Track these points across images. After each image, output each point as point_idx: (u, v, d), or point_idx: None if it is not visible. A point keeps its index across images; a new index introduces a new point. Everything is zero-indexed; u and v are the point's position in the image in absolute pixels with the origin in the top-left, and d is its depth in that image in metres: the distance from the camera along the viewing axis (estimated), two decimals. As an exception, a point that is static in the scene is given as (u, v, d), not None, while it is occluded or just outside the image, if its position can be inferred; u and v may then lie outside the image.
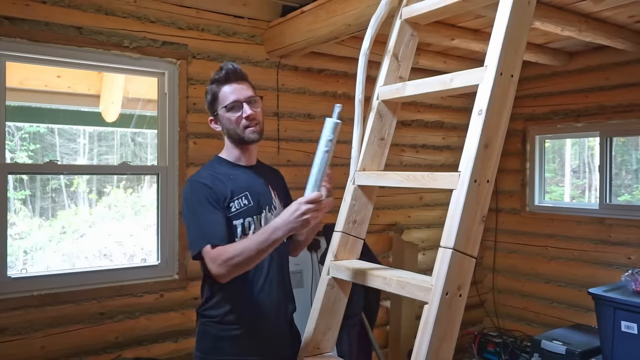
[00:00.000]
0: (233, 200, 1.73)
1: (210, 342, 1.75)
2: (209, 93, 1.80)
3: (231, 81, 1.77)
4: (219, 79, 1.78)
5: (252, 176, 1.83)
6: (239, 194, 1.74)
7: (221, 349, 1.73)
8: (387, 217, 3.72)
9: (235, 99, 1.75)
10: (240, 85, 1.77)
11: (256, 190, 1.79)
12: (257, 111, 1.78)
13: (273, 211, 1.80)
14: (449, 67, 3.48)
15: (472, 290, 3.84)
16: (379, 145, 1.83)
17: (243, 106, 1.75)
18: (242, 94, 1.76)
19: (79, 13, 2.53)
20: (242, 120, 1.75)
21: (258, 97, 1.81)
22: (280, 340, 1.80)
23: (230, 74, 1.77)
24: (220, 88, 1.77)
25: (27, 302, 2.42)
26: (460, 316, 1.39)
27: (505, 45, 1.42)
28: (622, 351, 2.62)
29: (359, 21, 2.38)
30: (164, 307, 2.77)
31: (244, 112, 1.74)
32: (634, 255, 3.35)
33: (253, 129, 1.77)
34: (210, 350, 1.74)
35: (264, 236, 1.55)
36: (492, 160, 1.42)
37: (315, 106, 3.33)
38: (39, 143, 4.13)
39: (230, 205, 1.72)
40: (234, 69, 1.78)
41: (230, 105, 1.75)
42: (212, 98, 1.79)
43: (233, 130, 1.77)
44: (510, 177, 4.06)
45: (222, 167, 1.83)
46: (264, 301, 1.74)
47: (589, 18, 2.72)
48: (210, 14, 2.90)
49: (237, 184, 1.76)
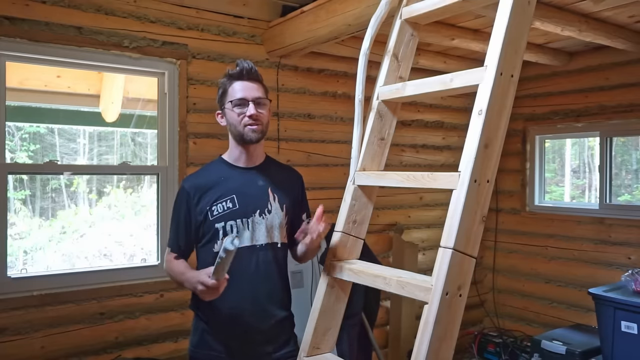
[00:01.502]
0: (217, 203, 1.78)
1: (199, 335, 1.82)
2: (221, 87, 1.82)
3: (243, 79, 1.79)
4: (232, 74, 1.80)
5: (248, 178, 1.83)
6: (224, 197, 1.78)
7: (207, 344, 1.79)
8: (387, 217, 3.72)
9: (243, 97, 1.76)
10: (252, 84, 1.79)
11: (247, 193, 1.80)
12: (262, 113, 1.79)
13: (266, 215, 1.80)
14: (449, 67, 3.48)
15: (472, 290, 3.85)
16: (379, 145, 1.83)
17: (249, 104, 1.76)
18: (250, 93, 1.77)
19: (79, 13, 2.53)
20: (245, 118, 1.76)
21: (267, 100, 1.82)
22: (262, 342, 1.79)
23: (244, 72, 1.79)
24: (231, 83, 1.79)
25: (27, 302, 2.42)
26: (460, 316, 1.39)
27: (505, 45, 1.42)
28: (622, 351, 2.62)
29: (359, 21, 2.38)
30: (164, 307, 2.77)
31: (248, 111, 1.75)
32: (634, 255, 3.35)
33: (254, 128, 1.77)
34: (198, 343, 1.82)
35: (182, 279, 1.74)
36: (492, 160, 1.42)
37: (315, 106, 3.33)
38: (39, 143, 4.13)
39: (213, 209, 1.77)
40: (250, 67, 1.80)
41: (236, 101, 1.76)
42: (222, 92, 1.82)
43: (234, 126, 1.78)
44: (510, 177, 4.06)
45: (218, 168, 1.86)
46: (244, 306, 1.75)
47: (589, 18, 2.72)
48: (210, 14, 2.90)
49: (225, 187, 1.79)
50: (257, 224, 1.78)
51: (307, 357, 1.74)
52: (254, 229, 1.78)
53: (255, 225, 1.78)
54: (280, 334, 1.84)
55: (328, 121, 3.39)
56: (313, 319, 1.76)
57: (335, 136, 3.41)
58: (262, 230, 1.79)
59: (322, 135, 3.37)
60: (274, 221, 1.81)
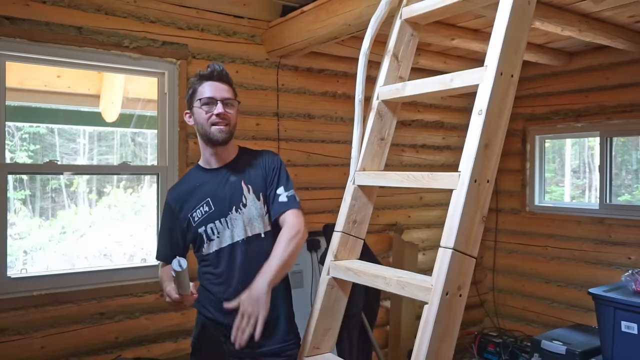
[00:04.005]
0: (195, 209, 1.84)
1: (200, 328, 1.91)
2: (191, 86, 1.85)
3: (214, 79, 1.81)
4: (202, 75, 1.82)
5: (220, 178, 1.85)
6: (200, 202, 1.84)
7: (207, 336, 1.88)
8: (387, 217, 3.72)
9: (212, 95, 1.78)
10: (222, 85, 1.82)
11: (220, 193, 1.83)
12: (230, 113, 1.80)
13: (241, 209, 1.81)
14: (449, 67, 3.48)
15: (472, 290, 3.85)
16: (379, 145, 1.83)
17: (217, 104, 1.78)
18: (219, 93, 1.79)
19: (79, 13, 2.53)
20: (212, 117, 1.77)
21: (235, 101, 1.84)
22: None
23: (215, 73, 1.81)
24: (201, 83, 1.81)
25: (27, 302, 2.42)
26: (460, 316, 1.39)
27: (505, 45, 1.42)
28: (622, 351, 2.62)
29: (359, 21, 2.38)
30: (164, 307, 2.76)
31: (216, 109, 1.77)
32: (634, 255, 3.35)
33: (221, 128, 1.78)
34: (199, 335, 1.91)
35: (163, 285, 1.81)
36: (492, 160, 1.42)
37: (315, 106, 3.33)
38: (39, 143, 4.13)
39: (194, 216, 1.84)
40: (220, 69, 1.83)
41: (205, 99, 1.78)
42: (192, 91, 1.84)
43: (201, 125, 1.81)
44: (510, 177, 4.06)
45: (195, 175, 1.92)
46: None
47: (589, 18, 2.72)
48: (210, 14, 2.90)
49: (200, 193, 1.84)
50: (235, 220, 1.81)
51: (307, 357, 1.74)
52: (233, 225, 1.81)
53: (234, 222, 1.81)
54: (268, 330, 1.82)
55: (328, 121, 3.39)
56: (313, 319, 1.76)
57: (335, 136, 3.41)
58: (239, 226, 1.80)
59: (322, 135, 3.37)
60: (252, 213, 1.81)
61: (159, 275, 1.93)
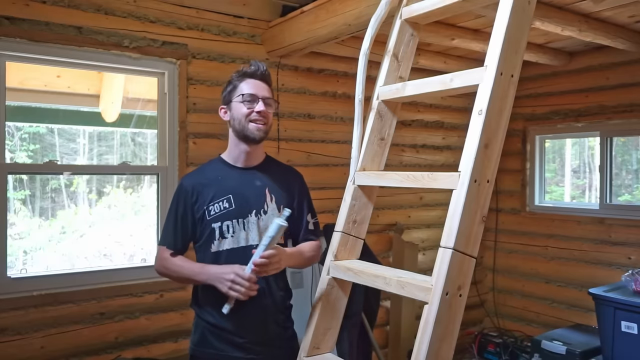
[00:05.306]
0: (213, 203, 1.80)
1: (200, 334, 1.83)
2: (231, 82, 1.84)
3: (256, 78, 1.82)
4: (247, 72, 1.83)
5: (246, 178, 1.84)
6: (220, 197, 1.80)
7: (208, 343, 1.80)
8: (387, 217, 3.72)
9: (254, 93, 1.79)
10: (264, 84, 1.83)
11: (244, 194, 1.81)
12: (269, 112, 1.82)
13: (262, 216, 1.80)
14: (449, 67, 3.48)
15: (472, 290, 3.85)
16: (379, 145, 1.83)
17: (259, 101, 1.78)
18: (261, 92, 1.81)
19: (79, 13, 2.53)
20: (252, 113, 1.78)
21: (274, 102, 1.85)
22: (266, 341, 1.80)
23: (258, 72, 1.83)
24: (244, 79, 1.82)
25: (27, 302, 2.42)
26: (460, 316, 1.39)
27: (505, 45, 1.42)
28: (622, 351, 2.62)
29: (359, 21, 2.38)
30: (163, 307, 2.77)
31: (257, 107, 1.78)
32: (634, 255, 3.35)
33: (259, 125, 1.79)
34: (199, 342, 1.83)
35: (193, 272, 1.77)
36: (492, 160, 1.42)
37: (315, 106, 3.33)
38: (38, 143, 4.12)
39: (210, 209, 1.79)
40: (264, 69, 1.84)
41: (247, 96, 1.79)
42: (232, 87, 1.83)
43: (239, 121, 1.79)
44: (510, 177, 4.06)
45: (217, 167, 1.87)
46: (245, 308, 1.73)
47: (589, 18, 2.72)
48: (210, 14, 2.90)
49: (222, 187, 1.81)
50: (252, 224, 1.79)
51: (307, 357, 1.74)
52: (249, 228, 1.79)
53: (250, 226, 1.79)
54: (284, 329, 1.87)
55: (328, 121, 3.39)
56: (313, 319, 1.76)
57: (335, 136, 3.41)
58: (254, 231, 1.79)
59: (322, 135, 3.37)
60: (269, 222, 1.78)
61: (164, 265, 1.82)
